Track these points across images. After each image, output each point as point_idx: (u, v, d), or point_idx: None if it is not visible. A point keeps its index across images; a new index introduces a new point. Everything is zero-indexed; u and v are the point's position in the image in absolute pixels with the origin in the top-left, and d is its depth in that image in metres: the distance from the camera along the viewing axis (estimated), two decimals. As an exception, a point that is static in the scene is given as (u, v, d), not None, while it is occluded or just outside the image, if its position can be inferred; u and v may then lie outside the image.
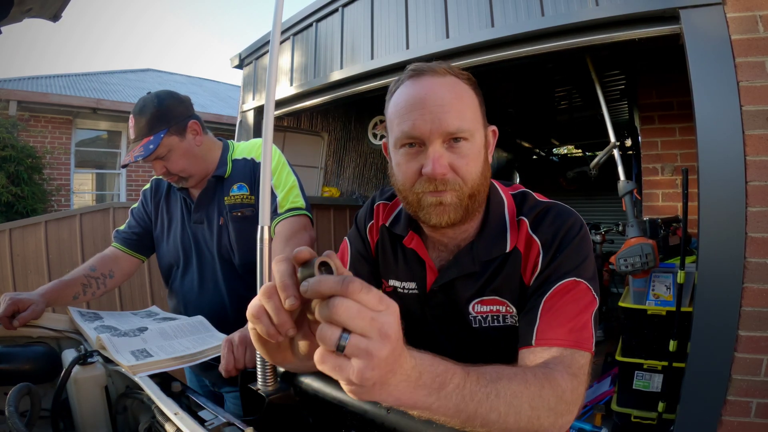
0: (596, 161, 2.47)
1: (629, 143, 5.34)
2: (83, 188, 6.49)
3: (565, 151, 8.01)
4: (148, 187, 1.42)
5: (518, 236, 0.70)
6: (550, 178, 6.89)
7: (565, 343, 0.59)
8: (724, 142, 1.41)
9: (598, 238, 3.74)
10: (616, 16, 1.62)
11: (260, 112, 3.19)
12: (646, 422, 2.01)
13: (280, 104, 2.99)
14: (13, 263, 2.65)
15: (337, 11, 2.66)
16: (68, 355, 0.91)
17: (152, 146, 1.16)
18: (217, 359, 0.85)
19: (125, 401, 0.82)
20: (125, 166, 1.21)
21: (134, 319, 1.13)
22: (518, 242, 0.70)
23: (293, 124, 3.69)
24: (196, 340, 0.97)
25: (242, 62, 3.36)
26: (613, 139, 2.22)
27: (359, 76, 2.48)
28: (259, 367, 0.64)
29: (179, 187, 1.30)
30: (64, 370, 0.80)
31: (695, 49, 1.46)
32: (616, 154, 2.22)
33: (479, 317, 0.72)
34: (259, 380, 0.64)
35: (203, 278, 1.29)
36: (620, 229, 2.31)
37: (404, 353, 0.39)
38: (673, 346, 1.88)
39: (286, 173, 1.25)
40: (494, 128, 0.73)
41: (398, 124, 0.66)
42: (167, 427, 0.63)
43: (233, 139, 1.98)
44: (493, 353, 0.72)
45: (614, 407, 2.11)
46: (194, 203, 1.30)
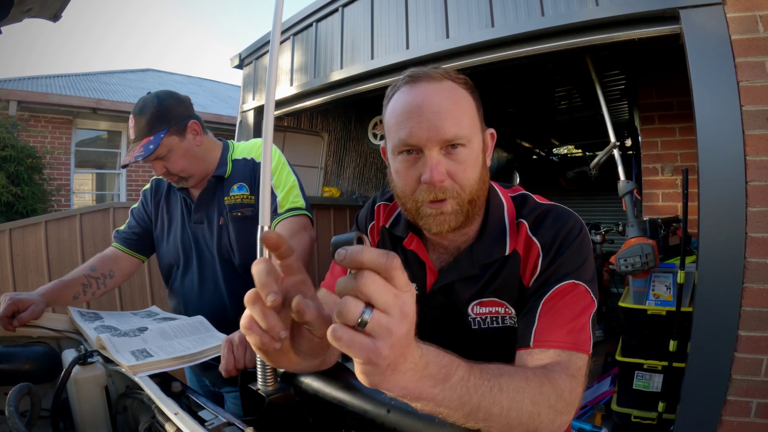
0: (596, 161, 2.47)
1: (629, 143, 5.33)
2: (83, 188, 6.49)
3: (565, 151, 8.00)
4: (148, 187, 1.42)
5: (517, 239, 0.70)
6: (550, 178, 6.89)
7: (563, 345, 0.59)
8: (724, 142, 1.41)
9: (598, 238, 3.74)
10: (616, 16, 1.62)
11: (260, 112, 3.19)
12: (646, 422, 2.01)
13: (280, 104, 2.99)
14: (13, 263, 2.64)
15: (337, 11, 2.66)
16: (68, 355, 0.91)
17: (152, 146, 1.16)
18: (217, 359, 0.85)
19: (125, 401, 0.82)
20: (125, 166, 1.22)
21: (134, 319, 1.13)
22: (517, 245, 0.70)
23: (293, 124, 3.69)
24: (196, 340, 0.97)
25: (242, 62, 3.36)
26: (613, 139, 2.21)
27: (359, 76, 2.47)
28: (259, 367, 0.63)
29: (179, 187, 1.30)
30: (64, 370, 0.80)
31: (695, 49, 1.46)
32: (616, 154, 2.22)
33: (478, 318, 0.72)
34: (259, 380, 0.64)
35: (203, 278, 1.29)
36: (620, 229, 2.31)
37: (413, 341, 0.39)
38: (673, 346, 1.88)
39: (286, 173, 1.25)
40: (492, 131, 0.73)
41: (395, 131, 0.65)
42: (167, 427, 0.63)
43: (233, 139, 1.97)
44: (492, 354, 0.72)
45: (614, 407, 2.11)
46: (194, 203, 1.30)
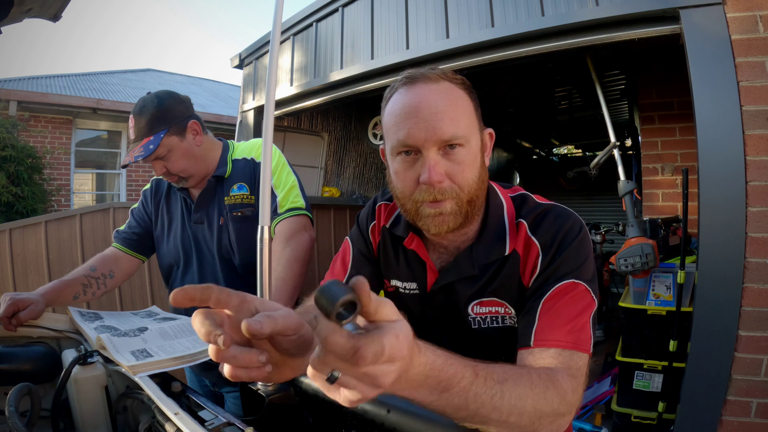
0: (596, 161, 2.46)
1: (629, 143, 5.34)
2: (83, 188, 6.49)
3: (565, 151, 8.01)
4: (148, 187, 1.42)
5: (517, 239, 0.70)
6: (550, 178, 6.89)
7: (563, 344, 0.59)
8: (724, 142, 1.41)
9: (598, 238, 3.74)
10: (616, 16, 1.62)
11: (260, 112, 3.19)
12: (646, 422, 2.01)
13: (280, 104, 2.99)
14: (13, 263, 2.64)
15: (337, 11, 2.66)
16: (68, 355, 0.91)
17: (152, 146, 1.16)
18: None
19: (125, 401, 0.82)
20: (125, 166, 1.22)
21: (134, 319, 1.13)
22: (517, 245, 0.70)
23: (293, 124, 3.68)
24: (196, 340, 0.97)
25: (242, 62, 3.36)
26: (613, 139, 2.21)
27: (359, 76, 2.47)
28: (259, 367, 0.63)
29: (179, 187, 1.30)
30: (64, 370, 0.80)
31: (695, 49, 1.46)
32: (616, 154, 2.22)
33: (478, 318, 0.72)
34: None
35: (203, 278, 1.29)
36: (620, 229, 2.31)
37: (413, 362, 0.38)
38: (673, 346, 1.89)
39: (286, 173, 1.25)
40: (491, 131, 0.73)
41: (393, 132, 0.66)
42: (167, 427, 0.63)
43: (233, 139, 1.97)
44: (492, 354, 0.72)
45: (614, 407, 2.11)
46: (194, 203, 1.30)
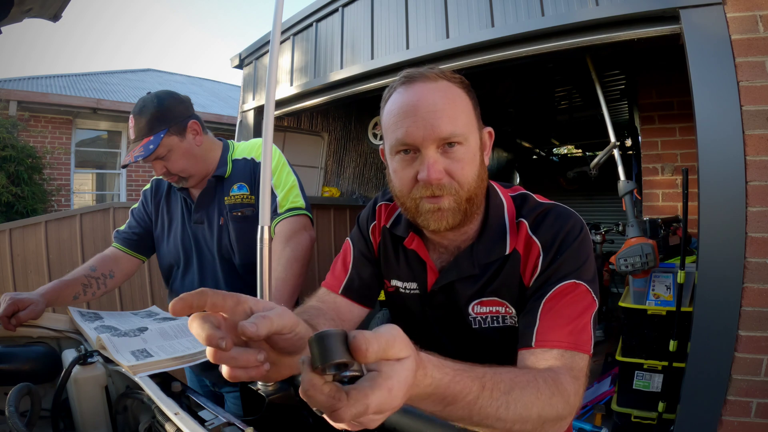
0: (596, 161, 2.46)
1: (629, 143, 5.34)
2: (83, 188, 6.49)
3: (565, 151, 8.00)
4: (148, 187, 1.42)
5: (518, 238, 0.70)
6: (550, 178, 6.89)
7: (564, 345, 0.59)
8: (724, 142, 1.41)
9: (598, 238, 3.74)
10: (616, 16, 1.62)
11: (260, 112, 3.19)
12: (646, 422, 2.01)
13: (280, 104, 2.99)
14: (13, 263, 2.65)
15: (337, 11, 2.66)
16: (68, 355, 0.91)
17: (152, 146, 1.16)
18: None
19: (125, 401, 0.82)
20: (125, 166, 1.22)
21: (134, 319, 1.13)
22: (517, 244, 0.70)
23: (293, 124, 3.69)
24: (196, 340, 0.96)
25: (242, 62, 3.36)
26: (613, 139, 2.21)
27: (359, 76, 2.47)
28: (259, 367, 0.63)
29: (179, 187, 1.30)
30: (64, 370, 0.80)
31: (695, 49, 1.46)
32: (616, 154, 2.22)
33: (479, 318, 0.72)
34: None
35: (204, 278, 1.29)
36: (620, 229, 2.31)
37: (417, 383, 0.37)
38: (673, 346, 1.88)
39: (286, 173, 1.25)
40: (490, 130, 0.73)
41: (392, 131, 0.66)
42: (167, 427, 0.63)
43: (233, 139, 1.97)
44: (493, 354, 0.72)
45: (614, 407, 2.11)
46: (194, 203, 1.30)
